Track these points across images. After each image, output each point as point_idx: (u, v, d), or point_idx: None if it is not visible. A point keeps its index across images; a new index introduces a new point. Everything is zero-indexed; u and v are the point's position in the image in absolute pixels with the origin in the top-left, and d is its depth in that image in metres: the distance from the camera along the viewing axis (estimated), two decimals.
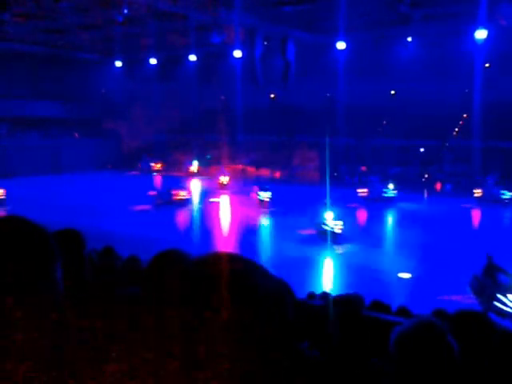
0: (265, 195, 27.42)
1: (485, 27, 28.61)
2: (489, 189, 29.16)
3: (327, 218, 20.38)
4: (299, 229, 21.85)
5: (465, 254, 16.66)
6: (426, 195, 32.04)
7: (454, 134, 36.78)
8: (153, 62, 42.28)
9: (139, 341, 1.25)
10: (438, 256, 17.61)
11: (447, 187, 33.46)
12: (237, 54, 34.68)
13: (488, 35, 29.13)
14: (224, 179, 34.74)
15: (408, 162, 36.43)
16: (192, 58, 39.74)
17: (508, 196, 28.58)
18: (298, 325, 2.15)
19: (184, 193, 29.49)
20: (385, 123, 39.09)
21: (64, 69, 44.66)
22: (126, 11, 25.21)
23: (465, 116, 35.96)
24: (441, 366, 1.42)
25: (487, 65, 32.85)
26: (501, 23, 27.24)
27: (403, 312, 4.65)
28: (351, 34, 31.05)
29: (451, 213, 26.09)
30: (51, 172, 40.94)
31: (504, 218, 26.01)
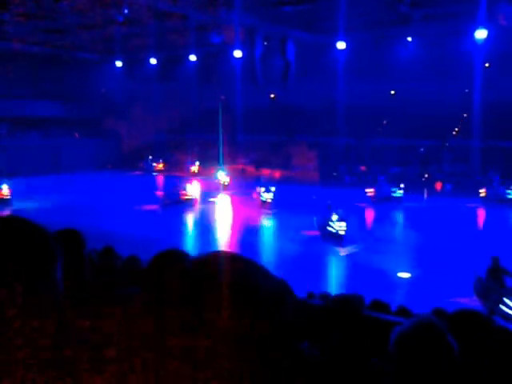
0: (267, 196, 27.10)
1: (485, 27, 28.62)
2: (494, 188, 28.96)
3: (331, 220, 20.01)
4: (302, 230, 21.59)
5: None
6: (426, 195, 31.97)
7: (454, 134, 36.79)
8: (153, 62, 42.28)
9: (139, 341, 1.25)
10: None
11: (447, 187, 33.45)
12: (237, 54, 34.69)
13: (488, 35, 29.14)
14: (225, 179, 34.64)
15: (408, 162, 36.42)
16: (192, 58, 39.75)
17: None
18: (298, 325, 2.15)
19: (192, 193, 29.50)
20: (385, 123, 39.10)
21: (64, 69, 44.64)
22: (126, 11, 25.23)
23: (465, 116, 35.98)
24: (441, 366, 1.41)
25: (487, 64, 32.85)
26: (501, 23, 27.25)
27: (403, 312, 4.65)
28: (351, 34, 31.05)
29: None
30: (51, 172, 40.92)
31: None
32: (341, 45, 32.96)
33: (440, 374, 1.41)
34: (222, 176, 34.87)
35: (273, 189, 27.37)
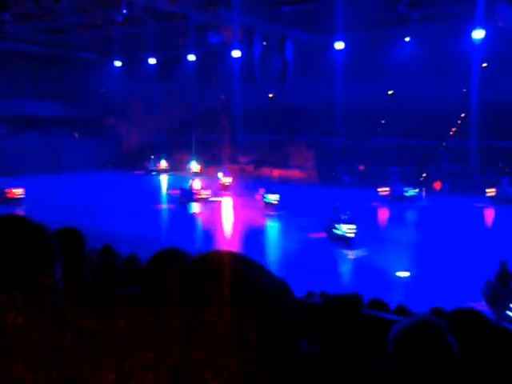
0: (273, 198, 26.38)
1: (482, 27, 28.69)
2: (503, 188, 28.75)
3: (339, 222, 19.40)
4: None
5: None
6: (425, 194, 31.90)
7: (452, 134, 36.82)
8: (152, 62, 42.30)
9: (139, 341, 1.25)
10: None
11: (447, 186, 33.50)
12: (235, 54, 34.69)
13: (485, 35, 29.20)
14: (226, 180, 34.37)
15: (406, 162, 36.42)
16: (191, 58, 39.76)
17: None
18: (297, 324, 2.15)
19: (206, 192, 29.48)
20: (383, 122, 39.12)
21: (64, 69, 44.65)
22: (126, 11, 25.25)
23: (462, 116, 36.02)
24: (440, 365, 1.41)
25: (485, 64, 32.89)
26: (498, 24, 27.31)
27: (402, 311, 4.65)
28: (350, 34, 31.11)
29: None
30: (51, 172, 40.88)
31: None
32: (339, 45, 32.99)
33: (439, 373, 1.41)
34: (223, 176, 34.66)
35: (277, 194, 26.68)
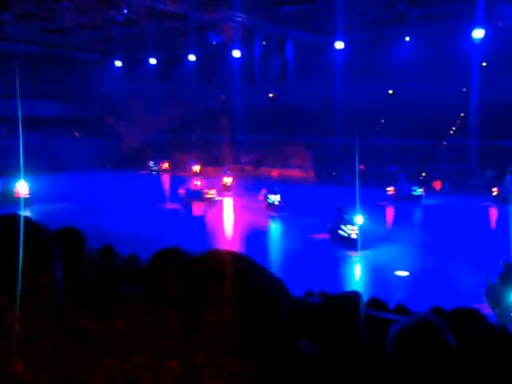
0: (274, 198, 26.28)
1: (482, 27, 28.68)
2: (505, 187, 28.72)
3: (343, 223, 19.16)
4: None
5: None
6: (425, 194, 31.85)
7: (452, 134, 36.83)
8: (152, 62, 42.28)
9: (139, 341, 1.25)
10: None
11: (446, 186, 33.52)
12: (236, 54, 34.68)
13: (485, 35, 29.18)
14: (227, 180, 34.30)
15: (406, 161, 36.42)
16: (191, 58, 39.74)
17: None
18: (297, 324, 2.15)
19: (212, 192, 29.49)
20: (383, 122, 39.14)
21: (64, 69, 44.65)
22: (126, 11, 25.25)
23: (462, 115, 36.02)
24: (439, 365, 1.41)
25: (484, 64, 32.89)
26: (498, 24, 27.31)
27: (401, 310, 4.64)
28: (350, 34, 31.10)
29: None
30: (51, 171, 40.82)
31: None
32: (339, 44, 32.97)
33: (439, 373, 1.41)
34: (224, 176, 34.62)
35: (278, 195, 26.50)
